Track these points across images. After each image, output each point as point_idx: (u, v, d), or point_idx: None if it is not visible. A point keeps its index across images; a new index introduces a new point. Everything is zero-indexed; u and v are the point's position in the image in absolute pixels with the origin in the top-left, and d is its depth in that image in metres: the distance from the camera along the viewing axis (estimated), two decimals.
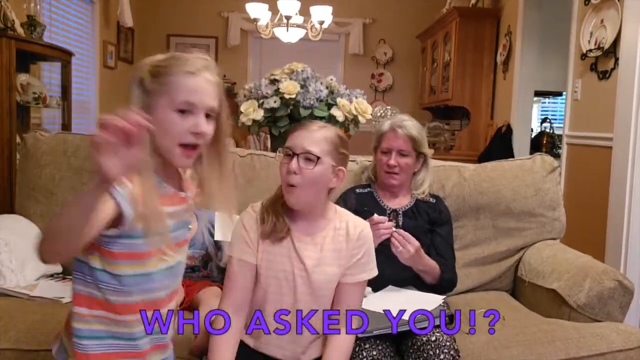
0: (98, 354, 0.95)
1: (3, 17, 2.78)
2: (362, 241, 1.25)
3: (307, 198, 1.22)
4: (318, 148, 1.19)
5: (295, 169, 1.18)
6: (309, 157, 1.19)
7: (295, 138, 1.22)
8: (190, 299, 1.58)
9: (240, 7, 5.15)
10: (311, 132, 1.22)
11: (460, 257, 1.82)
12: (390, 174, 1.70)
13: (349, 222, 1.27)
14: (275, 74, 2.20)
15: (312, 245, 1.23)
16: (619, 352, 1.41)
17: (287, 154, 1.21)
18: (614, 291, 1.52)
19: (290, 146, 1.21)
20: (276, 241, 1.22)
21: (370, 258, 1.27)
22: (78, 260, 0.94)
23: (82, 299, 0.94)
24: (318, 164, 1.19)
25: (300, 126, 1.25)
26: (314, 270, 1.21)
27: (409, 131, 1.67)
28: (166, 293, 1.02)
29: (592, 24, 2.87)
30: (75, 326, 0.94)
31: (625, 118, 2.52)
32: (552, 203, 1.89)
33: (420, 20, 5.69)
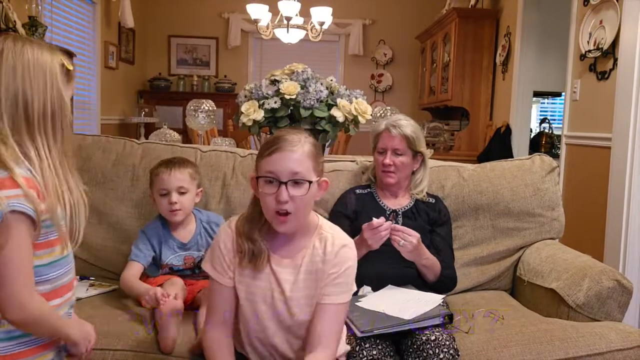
0: (15, 354, 0.93)
1: (5, 18, 2.78)
2: (340, 259, 1.16)
3: (300, 221, 1.15)
4: (304, 168, 1.10)
5: (286, 199, 1.09)
6: (298, 182, 1.10)
7: (275, 162, 1.10)
8: (191, 299, 1.59)
9: (240, 8, 5.16)
10: (292, 152, 1.10)
11: (460, 257, 1.82)
12: (387, 173, 1.71)
13: (329, 240, 1.18)
14: (275, 75, 2.20)
15: (291, 268, 1.17)
16: (618, 351, 1.41)
17: (270, 181, 1.11)
18: (613, 291, 1.53)
19: (273, 172, 1.10)
20: (257, 269, 1.16)
21: (349, 280, 1.17)
22: None
23: None
24: (310, 187, 1.11)
25: (274, 147, 1.11)
26: (292, 295, 1.16)
27: (403, 130, 1.69)
28: (69, 278, 1.04)
29: (591, 25, 2.88)
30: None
31: (624, 118, 2.53)
32: (551, 203, 1.89)
33: (420, 21, 5.70)
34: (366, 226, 1.48)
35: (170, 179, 1.60)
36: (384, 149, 1.71)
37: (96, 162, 1.88)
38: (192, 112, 3.01)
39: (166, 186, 1.60)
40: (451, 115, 5.23)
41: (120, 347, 1.38)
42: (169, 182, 1.60)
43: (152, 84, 5.79)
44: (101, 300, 1.61)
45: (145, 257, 1.61)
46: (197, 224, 1.70)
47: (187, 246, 1.67)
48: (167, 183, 1.60)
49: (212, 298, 1.21)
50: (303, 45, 4.84)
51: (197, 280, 1.65)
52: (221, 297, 1.19)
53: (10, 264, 0.87)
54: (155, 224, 1.68)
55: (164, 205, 1.62)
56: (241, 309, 1.19)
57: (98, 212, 1.84)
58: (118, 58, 5.15)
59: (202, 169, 1.88)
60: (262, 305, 1.17)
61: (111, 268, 1.82)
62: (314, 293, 1.16)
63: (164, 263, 1.65)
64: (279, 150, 1.11)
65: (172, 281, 1.59)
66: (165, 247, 1.65)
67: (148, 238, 1.64)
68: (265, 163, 1.12)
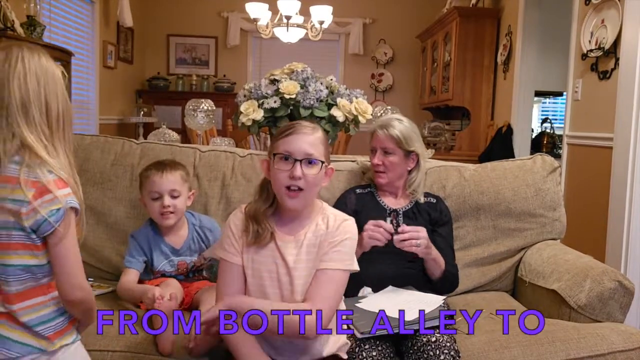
0: (65, 328, 1.07)
1: (3, 17, 2.78)
2: (341, 231, 1.24)
3: (308, 200, 1.24)
4: (317, 151, 1.22)
5: (299, 175, 1.19)
6: (311, 162, 1.21)
7: (291, 142, 1.21)
8: (189, 300, 1.58)
9: (240, 7, 5.15)
10: (307, 135, 1.22)
11: (461, 258, 1.82)
12: (377, 173, 1.73)
13: (330, 217, 1.27)
14: (275, 74, 2.19)
15: (294, 243, 1.25)
16: (620, 352, 1.41)
17: (285, 158, 1.21)
18: (615, 292, 1.52)
19: (290, 151, 1.21)
20: (261, 247, 1.24)
21: (346, 249, 1.23)
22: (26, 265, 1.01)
23: (34, 291, 1.03)
24: (321, 168, 1.22)
25: (293, 130, 1.23)
26: (295, 267, 1.22)
27: (390, 131, 1.69)
28: None
29: (593, 24, 2.87)
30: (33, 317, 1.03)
31: (626, 118, 2.52)
32: (552, 203, 1.88)
33: (421, 20, 5.69)
34: (373, 221, 1.50)
35: (162, 181, 1.57)
36: (374, 148, 1.73)
37: (95, 162, 1.87)
38: (191, 112, 3.00)
39: (158, 189, 1.57)
40: (452, 115, 5.22)
41: (119, 348, 1.37)
42: (160, 185, 1.56)
43: (151, 84, 5.78)
44: (100, 300, 1.60)
45: (139, 262, 1.59)
46: (190, 228, 1.67)
47: (180, 251, 1.64)
48: (158, 186, 1.56)
49: (221, 278, 1.26)
50: (303, 45, 4.83)
51: (191, 283, 1.63)
52: (230, 276, 1.24)
53: (70, 252, 1.02)
54: (145, 230, 1.64)
55: (155, 209, 1.57)
56: (248, 287, 1.24)
57: (97, 213, 1.83)
58: (117, 57, 5.14)
59: (201, 169, 1.87)
60: (267, 279, 1.23)
61: (110, 268, 1.81)
62: (315, 265, 1.22)
63: (156, 270, 1.63)
64: (296, 132, 1.22)
65: (168, 282, 1.57)
66: (157, 252, 1.62)
67: (139, 244, 1.61)
68: (282, 143, 1.22)
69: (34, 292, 1.03)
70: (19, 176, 0.98)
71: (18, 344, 1.01)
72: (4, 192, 0.98)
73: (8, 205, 0.97)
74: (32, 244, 0.99)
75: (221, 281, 1.26)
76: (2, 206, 0.98)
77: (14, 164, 0.99)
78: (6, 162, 0.99)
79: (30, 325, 1.01)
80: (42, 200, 0.98)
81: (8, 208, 0.97)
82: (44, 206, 0.98)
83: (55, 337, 1.04)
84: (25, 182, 0.98)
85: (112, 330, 1.41)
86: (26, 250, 1.00)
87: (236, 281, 1.24)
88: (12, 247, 0.99)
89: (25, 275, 1.01)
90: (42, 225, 0.98)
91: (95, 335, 1.39)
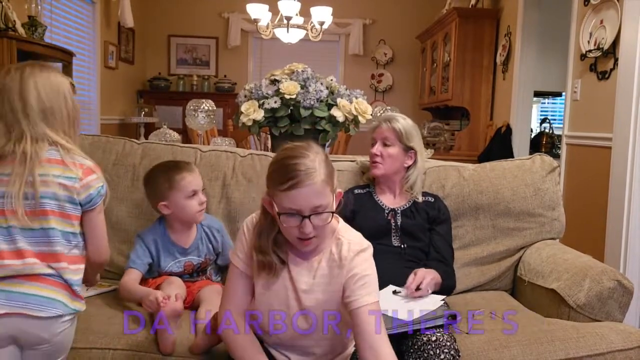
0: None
1: (4, 18, 2.78)
2: (355, 264, 1.16)
3: (323, 239, 1.18)
4: (325, 199, 1.10)
5: (310, 231, 1.10)
6: (320, 214, 1.10)
7: (297, 199, 1.08)
8: (191, 299, 1.58)
9: (240, 7, 5.16)
10: (311, 185, 1.08)
11: (460, 257, 1.82)
12: (374, 164, 1.74)
13: (344, 244, 1.18)
14: (275, 75, 2.20)
15: (307, 270, 1.19)
16: (619, 352, 1.41)
17: (292, 214, 1.10)
18: (614, 291, 1.53)
19: (296, 209, 1.09)
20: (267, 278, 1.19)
21: (369, 281, 1.15)
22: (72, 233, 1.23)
23: (80, 258, 1.25)
24: (332, 216, 1.13)
25: (294, 182, 1.08)
26: (306, 297, 1.18)
27: (394, 124, 1.72)
28: None
29: (592, 25, 2.88)
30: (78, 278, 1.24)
31: (625, 118, 2.53)
32: (551, 203, 1.89)
33: (420, 21, 5.70)
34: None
35: (195, 178, 1.62)
36: (375, 140, 1.75)
37: (96, 162, 1.86)
38: (192, 112, 3.01)
39: (195, 187, 1.61)
40: (451, 115, 5.23)
41: (120, 347, 1.38)
42: (195, 182, 1.62)
43: (152, 84, 5.78)
44: (101, 300, 1.61)
45: (143, 264, 1.60)
46: (198, 228, 1.68)
47: (188, 251, 1.65)
48: (194, 184, 1.61)
49: (229, 282, 1.25)
50: (303, 45, 4.84)
51: (194, 282, 1.64)
52: (237, 283, 1.23)
53: (103, 222, 1.29)
54: (154, 230, 1.65)
55: (194, 207, 1.60)
56: (255, 301, 1.22)
57: None
58: (118, 58, 5.15)
59: (202, 169, 1.88)
60: (275, 303, 1.20)
61: (111, 268, 1.81)
62: (323, 298, 1.18)
63: (163, 271, 1.63)
64: (298, 186, 1.08)
65: (170, 280, 1.58)
66: (165, 253, 1.63)
67: (146, 244, 1.62)
68: (285, 199, 1.09)
69: (77, 259, 1.24)
70: (64, 159, 1.20)
71: (58, 302, 1.18)
72: (56, 171, 1.19)
73: (62, 181, 1.19)
74: (73, 215, 1.22)
75: (229, 285, 1.25)
76: (55, 181, 1.19)
77: (54, 151, 1.20)
78: (44, 152, 1.19)
79: (70, 283, 1.20)
80: (90, 179, 1.23)
81: (62, 183, 1.19)
82: (93, 184, 1.23)
83: (81, 299, 1.25)
84: (72, 164, 1.21)
85: (113, 329, 1.42)
86: (66, 219, 1.21)
87: (242, 289, 1.22)
88: (58, 214, 1.19)
89: (64, 241, 1.21)
90: (93, 199, 1.23)
91: (96, 333, 1.40)
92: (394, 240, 1.69)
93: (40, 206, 1.18)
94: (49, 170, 1.19)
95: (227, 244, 1.72)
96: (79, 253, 1.25)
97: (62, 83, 1.25)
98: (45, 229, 1.18)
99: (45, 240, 1.19)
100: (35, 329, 1.16)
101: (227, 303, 1.24)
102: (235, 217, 1.84)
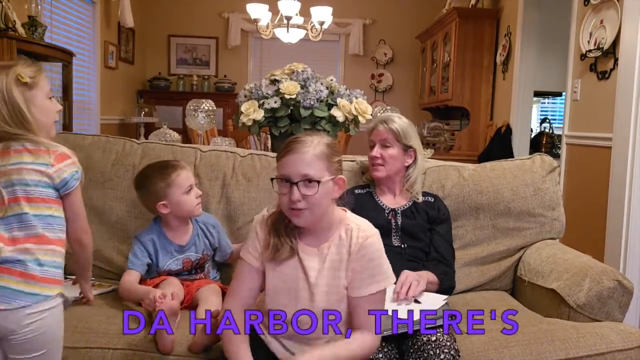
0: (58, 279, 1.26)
1: (4, 18, 2.78)
2: (366, 252, 1.20)
3: (314, 217, 1.19)
4: (314, 170, 1.16)
5: (298, 199, 1.15)
6: (308, 181, 1.15)
7: (287, 165, 1.17)
8: (190, 298, 1.58)
9: (240, 7, 5.16)
10: (302, 154, 1.16)
11: (460, 257, 1.82)
12: (375, 166, 1.74)
13: (354, 231, 1.22)
14: (275, 75, 2.20)
15: (317, 256, 1.22)
16: (619, 351, 1.41)
17: (283, 182, 1.17)
18: (614, 291, 1.53)
19: (285, 175, 1.17)
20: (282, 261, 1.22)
21: (379, 269, 1.20)
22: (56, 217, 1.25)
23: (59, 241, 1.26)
24: (320, 187, 1.16)
25: (287, 150, 1.18)
26: (316, 282, 1.20)
27: (391, 125, 1.72)
28: None
29: (592, 25, 2.88)
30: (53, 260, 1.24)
31: (625, 118, 2.53)
32: (551, 203, 1.89)
33: (420, 21, 5.70)
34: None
35: (188, 174, 1.65)
36: (374, 142, 1.75)
37: (96, 162, 1.87)
38: (192, 112, 3.01)
39: (190, 181, 1.64)
40: (451, 115, 5.23)
41: (120, 346, 1.38)
42: (190, 177, 1.65)
43: (152, 84, 5.79)
44: (101, 300, 1.61)
45: (142, 264, 1.60)
46: (194, 225, 1.69)
47: (185, 248, 1.65)
48: (189, 179, 1.64)
49: (236, 277, 1.27)
50: (303, 45, 4.84)
51: (192, 282, 1.64)
52: (244, 277, 1.25)
53: (82, 204, 1.31)
54: (151, 230, 1.65)
55: (192, 201, 1.63)
56: (266, 293, 1.24)
57: (98, 212, 1.83)
58: (118, 58, 5.15)
59: (202, 169, 1.88)
60: (284, 291, 1.22)
61: (111, 268, 1.82)
62: (337, 283, 1.21)
63: (162, 270, 1.64)
64: (290, 153, 1.17)
65: (169, 281, 1.58)
66: (163, 252, 1.63)
67: (144, 245, 1.62)
68: (280, 165, 1.19)
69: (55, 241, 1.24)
70: (37, 148, 1.23)
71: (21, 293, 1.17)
72: (29, 158, 1.22)
73: (36, 167, 1.22)
74: (49, 198, 1.24)
75: (236, 280, 1.27)
76: (31, 168, 1.22)
77: (27, 142, 1.23)
78: (18, 144, 1.23)
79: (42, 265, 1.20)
80: (64, 164, 1.25)
81: (36, 169, 1.22)
82: (67, 169, 1.25)
83: (55, 283, 1.23)
84: (44, 151, 1.24)
85: (112, 328, 1.42)
86: (43, 204, 1.23)
87: (250, 283, 1.25)
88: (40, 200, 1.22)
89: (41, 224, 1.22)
90: (68, 183, 1.25)
91: (96, 333, 1.40)
92: (395, 240, 1.69)
93: (14, 193, 1.20)
94: (20, 159, 1.22)
95: (224, 240, 1.74)
96: (55, 236, 1.25)
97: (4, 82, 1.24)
98: (19, 214, 1.20)
99: (21, 225, 1.20)
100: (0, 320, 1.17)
101: (231, 299, 1.26)
102: (235, 217, 1.84)
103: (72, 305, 1.47)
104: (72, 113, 3.42)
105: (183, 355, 1.37)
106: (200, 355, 1.37)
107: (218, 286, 1.63)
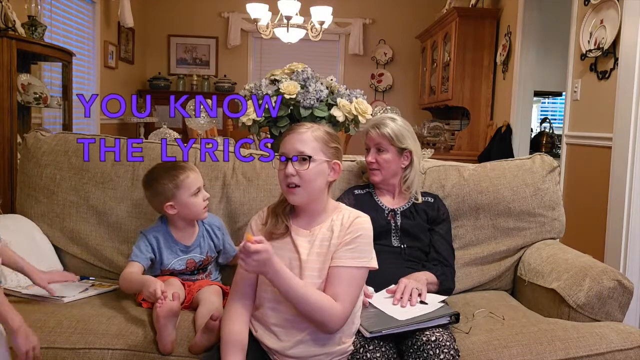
0: None
1: (4, 17, 2.78)
2: (353, 228, 1.27)
3: (308, 195, 1.29)
4: (308, 148, 1.27)
5: (291, 172, 1.26)
6: (302, 158, 1.26)
7: (286, 143, 1.29)
8: (190, 299, 1.58)
9: (240, 7, 5.16)
10: (300, 134, 1.29)
11: (460, 257, 1.82)
12: (371, 171, 1.75)
13: (345, 214, 1.32)
14: (275, 74, 2.20)
15: (308, 237, 1.30)
16: (619, 351, 1.41)
17: (282, 159, 1.29)
18: (614, 291, 1.52)
19: (284, 152, 1.29)
20: (277, 238, 1.30)
21: (362, 248, 1.27)
22: None
23: None
24: (312, 163, 1.26)
25: (289, 131, 1.31)
26: (307, 259, 1.27)
27: (383, 129, 1.72)
28: None
29: (592, 24, 2.88)
30: None
31: (625, 118, 2.52)
32: (551, 203, 1.89)
33: (420, 21, 5.70)
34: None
35: (197, 176, 1.65)
36: (368, 146, 1.76)
37: (96, 162, 1.87)
38: (192, 112, 3.01)
39: (198, 184, 1.64)
40: (451, 115, 5.23)
41: (120, 347, 1.38)
42: (198, 179, 1.65)
43: (152, 84, 5.78)
44: (101, 300, 1.61)
45: (145, 258, 1.60)
46: (200, 226, 1.69)
47: (190, 249, 1.65)
48: (198, 181, 1.64)
49: (237, 273, 1.33)
50: (303, 45, 4.85)
51: (194, 282, 1.64)
52: (247, 274, 1.28)
53: None
54: (157, 229, 1.65)
55: (200, 204, 1.63)
56: (261, 278, 1.29)
57: (98, 212, 1.83)
58: (118, 57, 5.15)
59: (202, 169, 1.88)
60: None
61: (111, 268, 1.82)
62: (326, 260, 1.27)
63: (165, 268, 1.63)
64: (290, 132, 1.31)
65: (170, 282, 1.57)
66: (168, 251, 1.63)
67: (149, 241, 1.62)
68: (281, 145, 1.31)
69: None
70: None
71: None
72: None
73: None
74: None
75: (238, 277, 1.33)
76: None
77: None
78: None
79: None
80: None
81: None
82: None
83: None
84: None
85: (112, 329, 1.42)
86: None
87: (251, 278, 1.31)
88: None
89: None
90: None
91: (95, 333, 1.40)
92: (394, 240, 1.69)
93: None
94: None
95: (228, 242, 1.74)
96: None
97: None
98: None
99: None
100: None
101: (234, 291, 1.32)
102: (235, 217, 1.84)
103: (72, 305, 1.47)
104: (72, 113, 3.42)
105: (183, 356, 1.37)
106: (201, 356, 1.37)
107: (219, 287, 1.63)
